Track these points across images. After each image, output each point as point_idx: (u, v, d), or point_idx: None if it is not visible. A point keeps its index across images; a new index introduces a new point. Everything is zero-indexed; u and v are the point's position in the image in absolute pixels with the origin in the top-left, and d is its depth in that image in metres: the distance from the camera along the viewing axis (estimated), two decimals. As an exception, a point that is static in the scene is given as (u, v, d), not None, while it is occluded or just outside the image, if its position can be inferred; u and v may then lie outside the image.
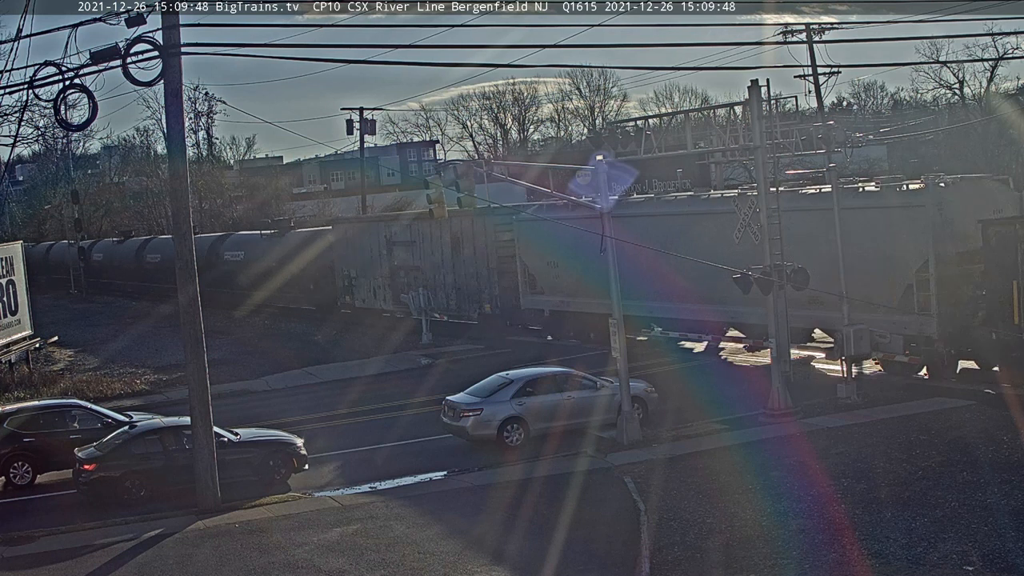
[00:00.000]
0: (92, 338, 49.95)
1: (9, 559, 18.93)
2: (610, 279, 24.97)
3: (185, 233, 21.53)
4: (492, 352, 37.87)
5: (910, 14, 29.93)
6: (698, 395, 27.86)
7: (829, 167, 27.83)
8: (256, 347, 43.32)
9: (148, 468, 22.31)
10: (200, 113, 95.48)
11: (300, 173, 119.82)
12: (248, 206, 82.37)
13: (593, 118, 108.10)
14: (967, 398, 25.40)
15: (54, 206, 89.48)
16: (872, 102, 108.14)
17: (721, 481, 20.47)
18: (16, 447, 24.35)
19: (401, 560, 17.58)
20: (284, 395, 33.87)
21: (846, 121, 65.14)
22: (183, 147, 22.19)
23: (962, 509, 17.81)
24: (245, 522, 20.20)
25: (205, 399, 21.43)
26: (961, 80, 73.75)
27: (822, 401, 26.23)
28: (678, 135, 29.28)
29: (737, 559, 16.46)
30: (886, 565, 15.70)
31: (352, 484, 22.85)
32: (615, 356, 24.68)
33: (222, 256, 57.99)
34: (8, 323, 38.92)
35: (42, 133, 65.78)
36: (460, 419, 24.91)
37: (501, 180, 27.88)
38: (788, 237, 26.23)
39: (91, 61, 19.54)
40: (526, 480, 21.74)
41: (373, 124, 68.53)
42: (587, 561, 17.02)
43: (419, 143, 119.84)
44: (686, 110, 36.08)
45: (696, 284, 31.44)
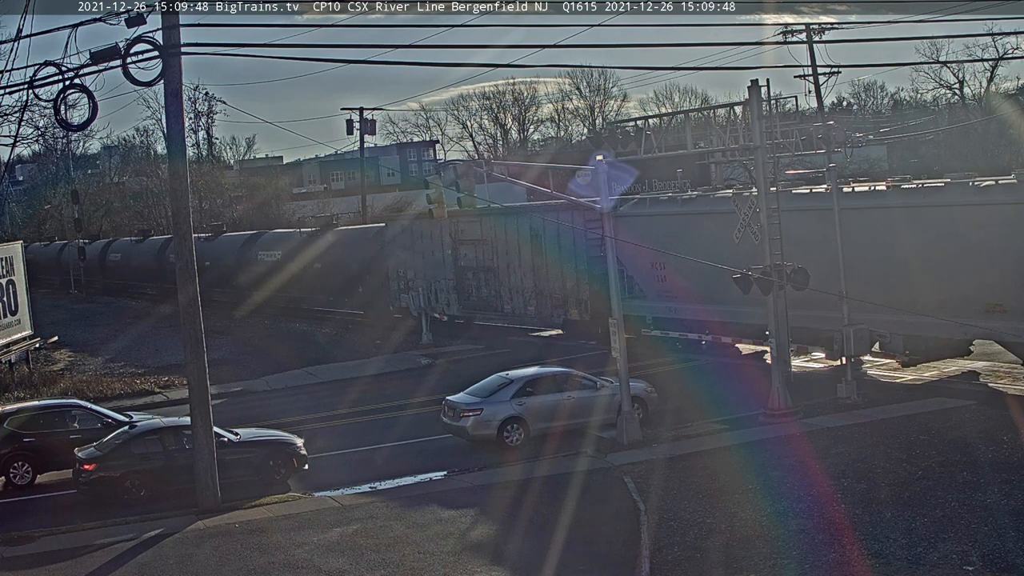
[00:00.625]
0: (92, 338, 49.98)
1: (9, 559, 18.93)
2: (610, 279, 24.98)
3: (185, 233, 21.52)
4: (492, 352, 37.86)
5: (910, 14, 29.95)
6: (698, 395, 27.86)
7: (829, 167, 27.82)
8: (256, 347, 43.34)
9: (148, 468, 22.30)
10: (200, 113, 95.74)
11: (300, 173, 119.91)
12: (248, 206, 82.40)
13: (593, 118, 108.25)
14: (967, 398, 25.41)
15: (54, 206, 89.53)
16: (872, 102, 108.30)
17: (721, 481, 20.47)
18: (16, 447, 24.34)
19: (401, 560, 17.58)
20: (284, 395, 33.86)
21: (846, 121, 65.17)
22: (183, 147, 22.19)
23: (962, 509, 17.81)
24: (245, 522, 20.20)
25: (205, 399, 21.43)
26: (961, 80, 73.93)
27: (822, 401, 26.23)
28: (678, 135, 29.26)
29: (737, 559, 16.46)
30: (886, 565, 15.70)
31: (352, 484, 22.82)
32: (615, 356, 24.68)
33: (255, 256, 55.05)
34: (8, 323, 38.92)
35: (42, 133, 65.81)
36: (460, 419, 24.90)
37: (501, 180, 27.87)
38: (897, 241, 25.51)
39: (91, 61, 19.55)
40: (526, 480, 21.74)
41: (373, 124, 68.59)
42: (587, 561, 17.02)
43: (419, 143, 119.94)
44: (686, 110, 36.06)
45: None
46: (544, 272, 38.34)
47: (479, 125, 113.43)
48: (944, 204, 26.51)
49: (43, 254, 79.61)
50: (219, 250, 57.97)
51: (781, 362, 26.10)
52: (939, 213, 26.47)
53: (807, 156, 30.31)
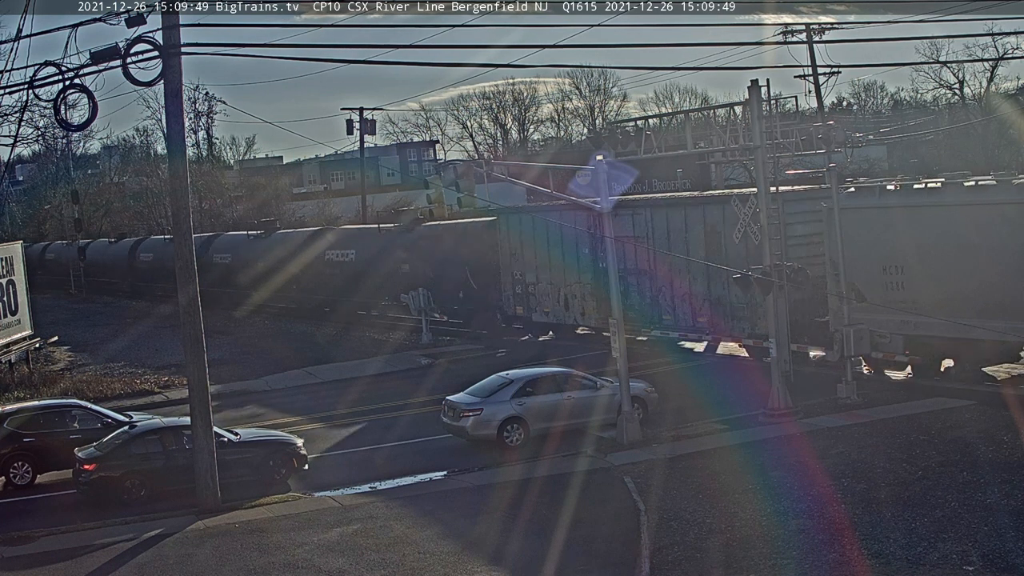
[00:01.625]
0: (92, 338, 49.96)
1: (9, 559, 18.93)
2: (610, 279, 24.98)
3: (185, 233, 21.52)
4: (492, 352, 37.87)
5: (910, 14, 29.97)
6: (698, 395, 27.87)
7: (829, 167, 27.84)
8: (256, 347, 43.33)
9: (148, 468, 22.30)
10: (200, 113, 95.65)
11: (300, 173, 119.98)
12: (248, 206, 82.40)
13: (593, 118, 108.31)
14: (967, 398, 25.40)
15: (54, 206, 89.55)
16: (872, 102, 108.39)
17: (721, 481, 20.47)
18: (16, 447, 24.33)
19: (401, 560, 17.58)
20: (284, 395, 33.86)
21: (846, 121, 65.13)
22: (183, 147, 22.19)
23: (962, 509, 17.81)
24: (245, 522, 20.20)
25: (205, 399, 21.43)
26: (961, 80, 73.92)
27: (822, 401, 26.23)
28: (678, 135, 29.29)
29: (737, 559, 16.46)
30: (886, 565, 15.70)
31: (352, 484, 22.84)
32: (615, 356, 24.69)
33: (322, 256, 49.55)
34: (8, 323, 38.93)
35: (42, 133, 65.92)
36: (460, 419, 24.91)
37: (501, 180, 27.90)
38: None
39: (91, 61, 19.56)
40: (526, 480, 21.74)
41: (373, 124, 68.53)
42: (587, 561, 17.02)
43: (419, 143, 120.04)
44: (686, 110, 36.09)
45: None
46: (722, 275, 30.79)
47: (479, 125, 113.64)
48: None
49: (63, 253, 79.22)
50: (271, 247, 53.33)
51: (781, 362, 26.10)
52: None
53: (807, 156, 30.34)
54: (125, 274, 69.17)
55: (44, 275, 72.54)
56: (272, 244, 54.12)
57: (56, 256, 79.83)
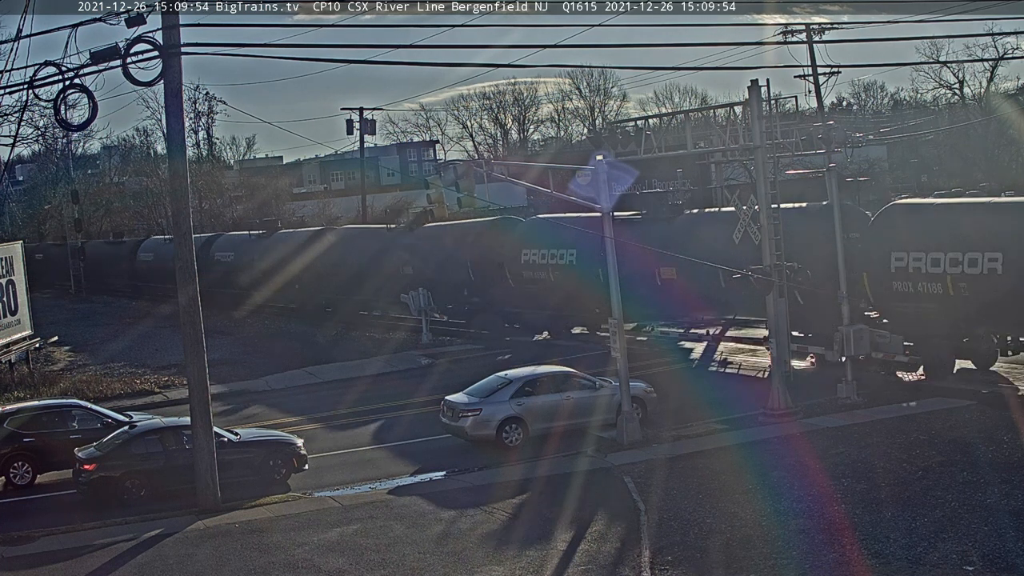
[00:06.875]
0: (92, 338, 49.95)
1: (9, 559, 18.93)
2: (610, 279, 24.96)
3: (185, 233, 21.52)
4: (492, 352, 37.85)
5: (910, 14, 29.95)
6: (698, 395, 27.86)
7: (829, 167, 27.83)
8: (257, 347, 43.33)
9: (148, 468, 22.30)
10: (200, 113, 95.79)
11: (300, 173, 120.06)
12: (248, 206, 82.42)
13: (593, 118, 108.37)
14: (967, 398, 25.40)
15: (54, 206, 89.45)
16: (872, 102, 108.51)
17: (721, 481, 20.47)
18: (16, 447, 24.34)
19: (401, 560, 17.59)
20: (285, 395, 33.86)
21: (846, 121, 65.21)
22: (183, 147, 22.19)
23: (962, 509, 17.81)
24: (245, 522, 20.20)
25: (205, 399, 21.43)
26: (961, 80, 73.87)
27: (822, 401, 26.22)
28: (678, 135, 29.28)
29: (737, 559, 16.47)
30: (886, 565, 15.70)
31: (352, 484, 22.85)
32: (615, 356, 24.68)
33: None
34: (8, 323, 38.91)
35: (42, 133, 65.92)
36: (459, 419, 24.90)
37: (501, 180, 27.91)
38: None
39: (91, 61, 19.56)
40: (526, 480, 21.75)
41: (373, 124, 68.60)
42: (587, 561, 17.02)
43: (419, 143, 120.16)
44: (686, 110, 36.05)
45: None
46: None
47: (479, 125, 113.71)
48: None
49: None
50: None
51: (781, 362, 26.10)
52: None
53: (807, 156, 30.35)
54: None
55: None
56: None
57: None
